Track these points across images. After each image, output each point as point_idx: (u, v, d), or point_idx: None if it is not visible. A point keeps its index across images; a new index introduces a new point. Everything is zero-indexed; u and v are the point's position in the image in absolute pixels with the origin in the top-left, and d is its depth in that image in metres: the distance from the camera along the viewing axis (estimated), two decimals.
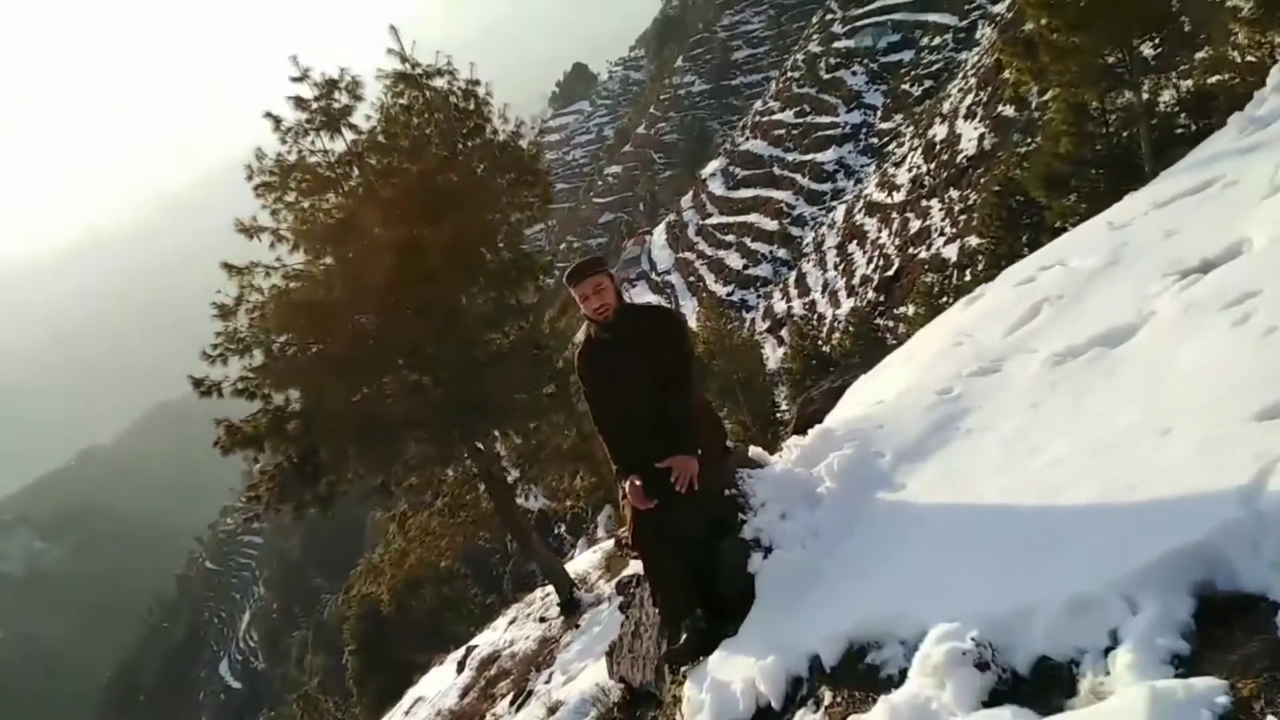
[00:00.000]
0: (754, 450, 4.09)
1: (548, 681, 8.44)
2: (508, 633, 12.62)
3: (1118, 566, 2.03)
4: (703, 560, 3.28)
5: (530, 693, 8.52)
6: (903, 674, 2.33)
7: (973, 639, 2.12)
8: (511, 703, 8.69)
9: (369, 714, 19.72)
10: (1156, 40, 19.11)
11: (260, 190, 10.75)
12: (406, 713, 11.97)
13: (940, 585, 2.53)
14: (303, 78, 10.51)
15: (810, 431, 4.10)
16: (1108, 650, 1.91)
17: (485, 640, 13.00)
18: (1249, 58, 17.66)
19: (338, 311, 10.23)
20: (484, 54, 13.46)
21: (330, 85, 11.02)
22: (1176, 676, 1.77)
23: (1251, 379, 2.46)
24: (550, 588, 13.73)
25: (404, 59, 12.30)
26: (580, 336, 3.63)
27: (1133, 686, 1.76)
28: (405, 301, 10.77)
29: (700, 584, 3.26)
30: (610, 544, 16.99)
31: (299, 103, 10.80)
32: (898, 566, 2.82)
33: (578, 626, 10.11)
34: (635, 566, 9.86)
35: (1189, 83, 23.94)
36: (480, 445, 11.58)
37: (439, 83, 12.52)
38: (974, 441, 3.28)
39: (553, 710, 7.29)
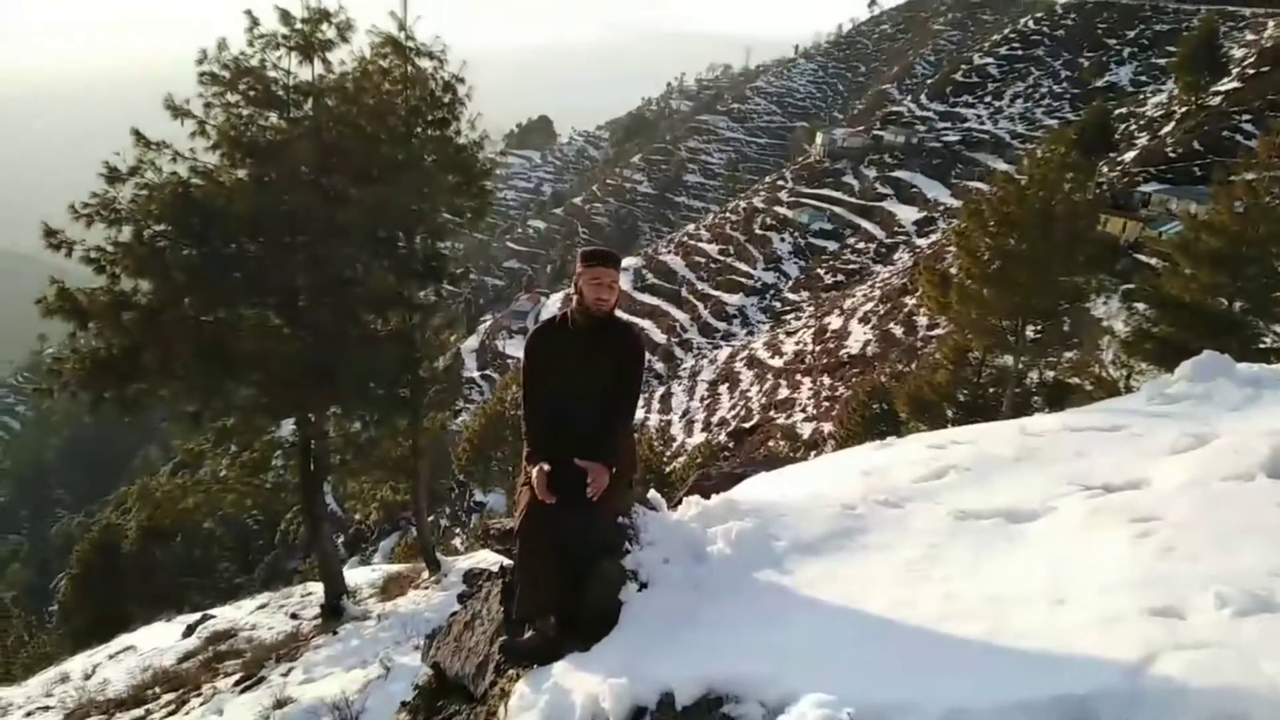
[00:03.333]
0: (653, 494, 4.10)
1: (285, 675, 7.78)
2: (254, 616, 11.64)
3: (1002, 693, 2.14)
4: (576, 574, 3.22)
5: (262, 679, 7.82)
6: None
7: (849, 713, 2.15)
8: (237, 684, 7.92)
9: (65, 645, 17.41)
10: (1040, 326, 21.53)
11: (205, 79, 10.24)
12: (112, 656, 10.69)
13: (818, 663, 2.54)
14: None
15: (714, 497, 4.12)
16: None
17: (225, 615, 11.92)
18: (1111, 374, 20.02)
19: (230, 224, 9.68)
20: (479, 65, 13.49)
21: (322, 15, 10.76)
22: None
23: (1148, 581, 2.62)
24: (316, 587, 12.86)
25: (401, 26, 12.21)
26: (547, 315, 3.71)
27: None
28: (302, 244, 10.33)
29: (565, 594, 3.19)
30: (392, 569, 16.22)
31: (284, 16, 10.49)
32: (776, 635, 2.81)
33: (335, 633, 9.45)
34: (488, 560, 9.36)
35: (1052, 373, 26.72)
36: (312, 416, 10.99)
37: (425, 64, 12.39)
38: (871, 557, 3.32)
39: (281, 704, 6.73)
